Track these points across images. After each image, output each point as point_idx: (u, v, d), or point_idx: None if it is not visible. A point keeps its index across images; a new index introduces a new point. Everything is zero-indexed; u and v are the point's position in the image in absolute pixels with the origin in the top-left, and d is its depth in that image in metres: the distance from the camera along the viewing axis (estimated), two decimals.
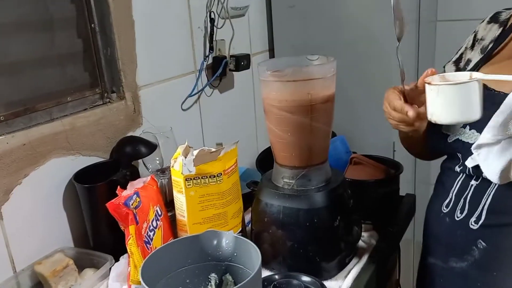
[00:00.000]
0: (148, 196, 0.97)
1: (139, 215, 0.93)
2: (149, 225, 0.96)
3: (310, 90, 0.93)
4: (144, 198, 0.95)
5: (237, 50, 1.63)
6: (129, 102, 1.24)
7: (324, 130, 0.99)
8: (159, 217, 0.99)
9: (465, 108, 0.78)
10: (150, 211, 0.96)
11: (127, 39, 1.22)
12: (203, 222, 0.98)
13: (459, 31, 2.14)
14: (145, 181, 1.02)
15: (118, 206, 0.91)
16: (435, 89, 0.80)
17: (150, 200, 0.97)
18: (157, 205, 0.99)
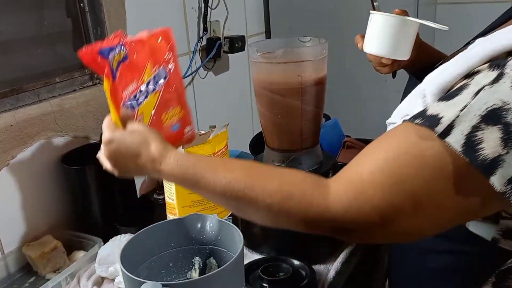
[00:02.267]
0: (148, 52, 0.80)
1: (123, 71, 0.76)
2: (140, 86, 0.79)
3: (300, 72, 0.92)
4: (138, 54, 0.78)
5: (233, 32, 1.61)
6: None
7: (315, 113, 0.97)
8: (159, 80, 0.82)
9: (391, 42, 0.79)
10: (146, 71, 0.80)
11: (118, 18, 1.20)
12: (193, 205, 0.97)
13: (459, 14, 2.12)
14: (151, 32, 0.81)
15: (92, 54, 0.72)
16: (370, 17, 0.82)
17: (150, 58, 0.80)
18: (161, 65, 0.81)
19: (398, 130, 0.58)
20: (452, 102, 0.54)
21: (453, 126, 0.53)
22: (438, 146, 0.53)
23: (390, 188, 0.55)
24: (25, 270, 1.01)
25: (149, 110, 0.81)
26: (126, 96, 0.78)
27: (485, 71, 0.55)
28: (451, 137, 0.53)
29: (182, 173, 0.66)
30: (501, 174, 0.51)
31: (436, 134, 0.53)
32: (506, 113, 0.51)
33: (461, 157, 0.52)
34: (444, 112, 0.54)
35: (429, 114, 0.55)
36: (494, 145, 0.51)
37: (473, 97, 0.53)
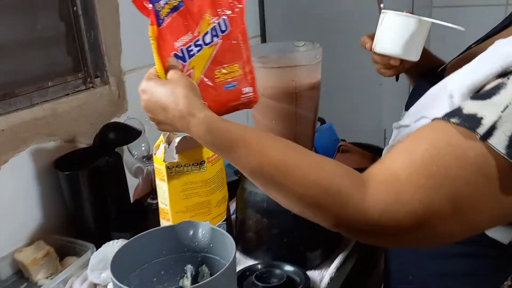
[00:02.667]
0: (207, 1, 0.74)
1: (176, 19, 0.71)
2: (196, 37, 0.73)
3: (295, 77, 0.91)
4: (197, 1, 0.72)
5: None
6: (113, 87, 1.21)
7: (309, 118, 0.97)
8: (218, 32, 0.75)
9: (403, 42, 0.78)
10: (204, 21, 0.74)
11: (112, 22, 1.19)
12: (186, 211, 0.96)
13: (455, 17, 2.13)
14: None
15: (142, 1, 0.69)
16: (381, 17, 0.80)
17: (211, 6, 0.74)
18: (222, 15, 0.74)
19: (434, 129, 0.57)
20: (490, 102, 0.53)
21: (495, 127, 0.52)
22: (480, 147, 0.52)
23: (430, 190, 0.53)
24: (17, 276, 1.00)
25: (201, 64, 0.74)
26: (178, 47, 0.72)
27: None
28: (493, 139, 0.51)
29: (211, 139, 0.62)
30: None
31: (478, 135, 0.52)
32: None
33: (506, 158, 0.51)
34: (483, 112, 0.53)
35: (466, 113, 0.54)
36: None
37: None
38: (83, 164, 1.05)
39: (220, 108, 0.78)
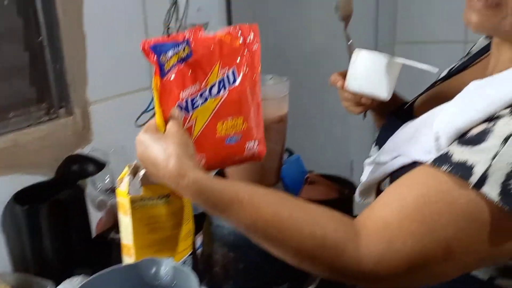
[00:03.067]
0: (220, 51, 0.72)
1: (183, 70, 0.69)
2: (203, 88, 0.71)
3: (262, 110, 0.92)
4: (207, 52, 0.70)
5: None
6: (78, 118, 1.19)
7: (276, 150, 0.97)
8: (226, 85, 0.73)
9: (375, 81, 0.79)
10: (213, 72, 0.72)
11: (78, 52, 1.18)
12: (150, 246, 0.93)
13: (418, 53, 2.21)
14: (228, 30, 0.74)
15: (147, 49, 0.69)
16: (355, 55, 0.82)
17: (222, 58, 0.72)
18: (232, 67, 0.73)
19: (424, 175, 0.58)
20: (479, 148, 0.55)
21: (487, 175, 0.53)
22: (472, 195, 0.54)
23: (422, 237, 0.55)
24: None
25: (205, 115, 0.72)
26: (183, 97, 0.71)
27: (507, 117, 0.56)
28: (486, 187, 0.53)
29: (202, 200, 0.62)
30: None
31: (470, 184, 0.53)
32: None
33: (499, 206, 0.52)
34: (473, 159, 0.54)
35: (457, 161, 0.56)
36: None
37: (502, 144, 0.54)
38: (44, 198, 1.01)
39: (221, 162, 0.78)
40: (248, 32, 0.74)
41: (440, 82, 0.88)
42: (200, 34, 0.70)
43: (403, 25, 2.18)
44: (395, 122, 0.79)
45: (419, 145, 0.65)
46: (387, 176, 0.73)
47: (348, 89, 0.83)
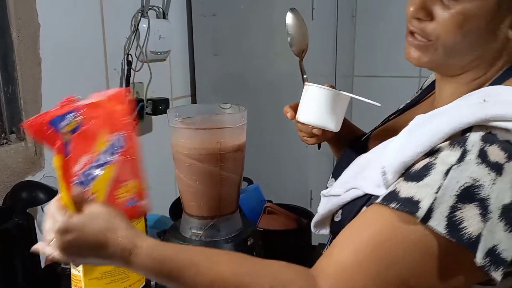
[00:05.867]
0: (103, 118, 0.69)
1: (76, 144, 0.66)
2: (94, 159, 0.68)
3: (219, 138, 0.92)
4: (92, 121, 0.68)
5: (158, 94, 1.60)
6: (30, 144, 1.15)
7: (234, 179, 0.97)
8: (115, 151, 0.71)
9: (323, 113, 0.82)
10: (100, 140, 0.69)
11: (32, 77, 1.15)
12: (101, 277, 0.90)
13: (375, 86, 2.29)
14: (107, 94, 0.70)
15: (41, 126, 0.63)
16: (305, 89, 0.85)
17: (106, 124, 0.69)
18: (117, 132, 0.70)
19: (375, 214, 0.60)
20: (423, 183, 0.56)
21: (433, 209, 0.54)
22: (421, 229, 0.55)
23: (380, 276, 0.56)
24: None
25: (103, 187, 0.69)
26: (77, 171, 0.66)
27: (447, 149, 0.58)
28: (433, 221, 0.54)
29: (156, 267, 0.59)
30: (481, 248, 0.53)
31: (418, 219, 0.55)
32: (478, 190, 0.54)
33: (447, 238, 0.54)
34: (419, 194, 0.56)
35: (403, 197, 0.57)
36: (475, 222, 0.53)
37: (444, 177, 0.55)
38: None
39: None
40: (120, 95, 0.71)
41: (394, 116, 0.91)
42: (80, 101, 0.68)
43: (360, 59, 2.26)
44: (350, 154, 0.81)
45: (370, 178, 0.67)
46: (340, 208, 0.74)
47: (299, 120, 0.86)
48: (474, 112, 0.57)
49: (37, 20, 1.16)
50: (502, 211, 0.54)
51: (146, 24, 1.50)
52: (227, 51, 1.74)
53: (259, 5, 1.65)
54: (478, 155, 0.55)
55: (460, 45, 0.65)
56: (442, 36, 0.64)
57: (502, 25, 0.63)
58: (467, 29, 0.63)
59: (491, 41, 0.64)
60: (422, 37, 0.67)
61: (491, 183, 0.54)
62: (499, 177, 0.54)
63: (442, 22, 0.64)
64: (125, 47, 1.46)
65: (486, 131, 0.57)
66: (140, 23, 1.49)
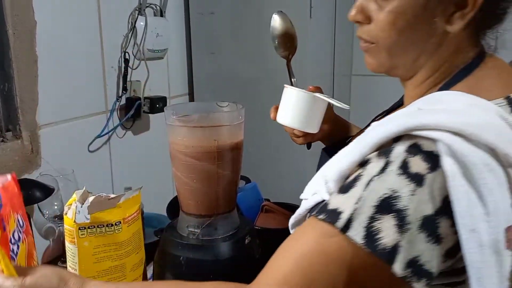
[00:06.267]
0: (10, 199, 0.78)
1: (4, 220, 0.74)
2: (10, 237, 0.76)
3: (216, 136, 0.91)
4: (5, 200, 0.76)
5: (155, 92, 1.60)
6: (26, 142, 1.15)
7: (231, 177, 0.97)
8: (21, 229, 0.81)
9: (300, 115, 0.84)
10: (11, 220, 0.78)
11: (28, 75, 1.15)
12: (97, 276, 0.89)
13: (373, 85, 2.29)
14: (3, 180, 0.80)
15: None
16: (284, 91, 0.86)
17: (12, 206, 0.78)
18: (18, 212, 0.81)
19: (306, 227, 0.60)
20: (348, 194, 0.56)
21: (352, 219, 0.54)
22: (340, 240, 0.55)
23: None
24: None
25: (23, 261, 0.79)
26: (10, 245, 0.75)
27: (375, 160, 0.57)
28: (351, 231, 0.54)
29: None
30: (400, 259, 0.52)
31: (337, 229, 0.54)
32: (396, 201, 0.53)
33: (363, 248, 0.53)
34: (343, 206, 0.56)
35: (330, 208, 0.57)
36: (391, 233, 0.53)
37: (365, 188, 0.55)
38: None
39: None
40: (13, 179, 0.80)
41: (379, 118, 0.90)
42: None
43: (359, 58, 2.25)
44: (325, 157, 0.81)
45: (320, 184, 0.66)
46: (308, 212, 0.74)
47: (278, 122, 0.87)
48: (403, 121, 0.56)
49: (33, 17, 1.15)
50: (422, 222, 0.53)
51: (144, 22, 1.49)
52: (225, 49, 1.74)
53: (257, 4, 1.65)
54: (399, 166, 0.54)
55: (398, 44, 0.64)
56: (380, 37, 0.65)
57: (436, 19, 0.62)
58: (400, 26, 0.62)
59: (429, 36, 0.63)
60: (366, 41, 0.68)
61: (409, 194, 0.53)
62: (419, 188, 0.53)
63: (378, 23, 0.64)
64: (122, 45, 1.45)
65: (412, 142, 0.55)
66: (137, 21, 1.49)
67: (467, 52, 0.65)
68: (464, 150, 0.53)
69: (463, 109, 0.57)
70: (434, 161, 0.53)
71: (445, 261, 0.55)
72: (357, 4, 0.67)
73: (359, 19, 0.67)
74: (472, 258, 0.52)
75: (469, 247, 0.52)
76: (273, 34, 0.90)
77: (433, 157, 0.54)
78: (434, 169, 0.53)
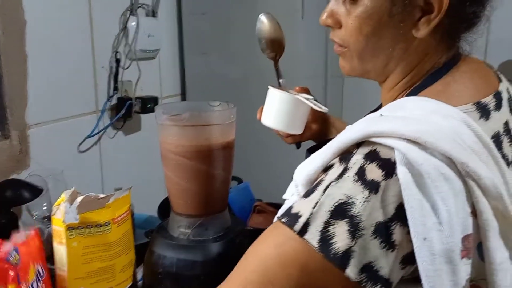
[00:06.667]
0: (29, 252, 0.84)
1: (21, 274, 0.80)
2: (28, 287, 0.82)
3: (208, 135, 0.91)
4: (24, 256, 0.82)
5: (147, 92, 1.59)
6: (15, 142, 1.13)
7: (222, 177, 0.96)
8: (40, 278, 0.85)
9: (282, 116, 0.84)
10: (30, 271, 0.83)
11: (18, 74, 1.13)
12: (86, 277, 0.88)
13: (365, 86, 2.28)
14: (27, 234, 0.88)
15: None
16: (268, 92, 0.86)
17: (31, 258, 0.84)
18: (39, 263, 0.86)
19: (270, 230, 0.60)
20: (309, 198, 0.56)
21: (309, 223, 0.54)
22: (298, 244, 0.55)
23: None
24: None
25: None
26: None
27: (336, 165, 0.57)
28: (308, 234, 0.54)
29: None
30: (354, 264, 0.52)
31: (295, 232, 0.54)
32: (350, 207, 0.53)
33: (318, 252, 0.53)
34: (302, 209, 0.56)
35: (293, 212, 0.57)
36: (343, 238, 0.53)
37: (323, 193, 0.55)
38: None
39: None
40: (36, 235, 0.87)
41: None
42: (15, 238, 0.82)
43: None
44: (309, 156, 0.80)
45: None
46: None
47: (263, 123, 0.86)
48: (363, 127, 0.57)
49: (23, 17, 1.14)
50: (375, 228, 0.53)
51: (135, 22, 1.48)
52: (217, 49, 1.73)
53: (248, 5, 1.65)
54: (356, 173, 0.54)
55: (367, 49, 0.65)
56: (350, 42, 0.65)
57: (402, 24, 0.62)
58: (366, 32, 0.63)
59: (397, 41, 0.63)
60: (339, 45, 0.68)
61: (363, 200, 0.53)
62: (373, 195, 0.53)
63: (347, 28, 0.65)
64: (114, 44, 1.44)
65: (371, 148, 0.55)
66: (129, 21, 1.48)
67: (438, 57, 0.65)
68: (419, 159, 0.52)
69: (423, 116, 0.56)
70: (390, 168, 0.53)
71: (404, 267, 0.55)
72: (327, 8, 0.67)
73: (329, 23, 0.67)
74: (425, 267, 0.52)
75: (421, 255, 0.52)
76: (259, 35, 0.90)
77: (390, 164, 0.53)
78: (390, 177, 0.53)
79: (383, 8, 0.61)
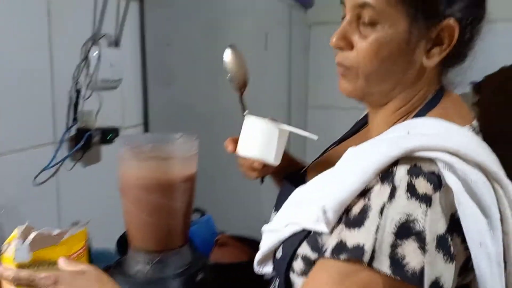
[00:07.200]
0: None
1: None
2: None
3: (168, 168, 0.89)
4: None
5: (109, 123, 1.55)
6: None
7: (183, 210, 0.94)
8: None
9: (262, 146, 0.82)
10: None
11: None
12: None
13: (329, 117, 2.33)
14: None
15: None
16: (245, 121, 0.85)
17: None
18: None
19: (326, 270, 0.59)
20: (364, 228, 0.56)
21: (375, 250, 0.54)
22: (367, 275, 0.55)
23: None
24: None
25: None
26: None
27: (377, 187, 0.58)
28: (377, 262, 0.54)
29: None
30: (426, 281, 0.53)
31: (364, 263, 0.54)
32: (413, 224, 0.54)
33: (392, 277, 0.53)
34: (363, 239, 0.56)
35: (351, 246, 0.56)
36: (415, 255, 0.53)
37: (380, 217, 0.55)
38: None
39: None
40: None
41: (332, 147, 0.91)
42: None
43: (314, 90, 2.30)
44: (289, 187, 0.80)
45: (307, 212, 0.66)
46: (281, 244, 0.72)
47: (239, 154, 0.85)
48: (399, 145, 0.58)
49: None
50: (438, 242, 0.54)
51: (98, 52, 1.46)
52: (180, 81, 1.72)
53: (213, 36, 1.66)
54: (407, 190, 0.56)
55: (378, 72, 0.67)
56: (361, 64, 0.67)
57: (416, 52, 0.66)
58: (382, 56, 0.65)
59: (408, 68, 0.67)
60: (346, 66, 0.70)
61: (423, 215, 0.54)
62: (429, 208, 0.55)
63: (360, 51, 0.67)
64: (74, 74, 1.41)
65: (411, 164, 0.57)
66: (91, 51, 1.46)
67: (434, 85, 0.70)
68: (464, 169, 0.56)
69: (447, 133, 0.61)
70: (436, 181, 0.56)
71: (458, 278, 0.58)
72: (339, 30, 0.68)
73: (341, 46, 0.69)
74: (482, 272, 0.54)
75: (478, 260, 0.54)
76: (226, 68, 0.91)
77: (434, 177, 0.56)
78: (438, 188, 0.55)
79: (402, 35, 0.64)
